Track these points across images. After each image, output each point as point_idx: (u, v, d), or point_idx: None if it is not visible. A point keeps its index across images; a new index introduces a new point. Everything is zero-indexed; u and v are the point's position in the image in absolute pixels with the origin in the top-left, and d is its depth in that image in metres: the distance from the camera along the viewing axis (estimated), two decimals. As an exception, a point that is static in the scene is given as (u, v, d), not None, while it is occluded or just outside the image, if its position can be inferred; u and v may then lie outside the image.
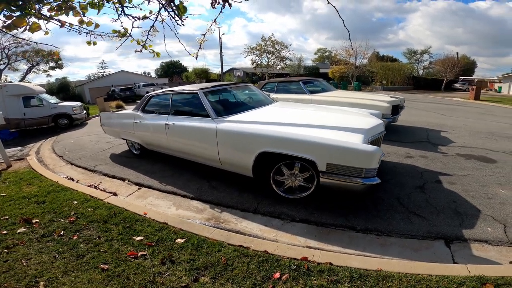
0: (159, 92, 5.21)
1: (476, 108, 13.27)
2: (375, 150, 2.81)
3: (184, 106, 4.62)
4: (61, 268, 2.39)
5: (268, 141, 3.37)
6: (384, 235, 2.88)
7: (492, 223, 2.93)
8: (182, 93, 4.71)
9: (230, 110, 4.31)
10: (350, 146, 2.90)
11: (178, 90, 4.84)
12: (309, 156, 3.10)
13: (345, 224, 3.07)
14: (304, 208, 3.40)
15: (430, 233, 2.83)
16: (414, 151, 5.52)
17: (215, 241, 2.70)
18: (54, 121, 11.37)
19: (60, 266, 2.42)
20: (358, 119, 3.84)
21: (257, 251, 2.52)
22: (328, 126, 3.47)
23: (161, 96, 5.06)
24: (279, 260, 2.37)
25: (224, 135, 3.77)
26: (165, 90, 5.18)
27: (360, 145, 2.91)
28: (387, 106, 6.25)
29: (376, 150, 2.82)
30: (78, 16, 2.04)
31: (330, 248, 2.70)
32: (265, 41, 34.49)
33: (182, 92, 4.71)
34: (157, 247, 2.63)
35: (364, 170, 2.85)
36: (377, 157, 2.84)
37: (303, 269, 2.25)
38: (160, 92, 5.22)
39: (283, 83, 8.69)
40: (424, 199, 3.50)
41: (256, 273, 2.22)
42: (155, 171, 4.98)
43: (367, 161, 2.83)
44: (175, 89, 4.96)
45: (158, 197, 4.03)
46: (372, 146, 2.87)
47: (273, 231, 3.02)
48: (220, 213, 3.46)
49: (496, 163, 4.75)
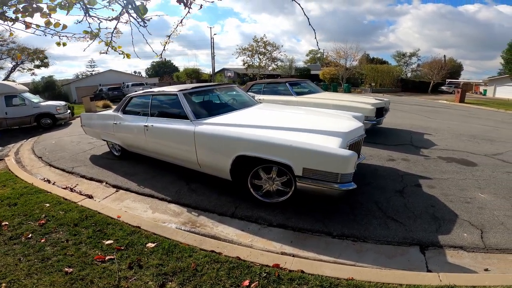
0: (139, 93, 5.10)
1: (460, 110, 13.50)
2: (351, 155, 2.76)
3: (164, 108, 4.54)
4: (24, 271, 2.35)
5: (244, 144, 3.31)
6: (360, 241, 2.83)
7: (469, 229, 2.91)
8: (162, 94, 4.62)
9: (210, 112, 4.24)
10: (325, 150, 2.84)
11: (158, 91, 4.74)
12: (285, 160, 3.04)
13: (322, 229, 3.01)
14: (282, 212, 3.34)
15: (406, 239, 2.79)
16: (397, 154, 5.52)
17: (187, 246, 2.64)
18: (37, 120, 11.10)
19: (24, 269, 2.37)
20: (337, 122, 3.78)
21: (229, 257, 2.47)
22: (307, 129, 3.41)
23: (141, 97, 4.96)
24: (251, 267, 2.32)
25: (202, 137, 3.69)
26: (145, 91, 5.08)
27: (335, 149, 2.85)
28: (371, 108, 6.25)
29: (352, 155, 2.76)
30: (45, 17, 2.00)
31: (305, 255, 2.64)
32: (256, 41, 34.48)
33: (162, 93, 4.62)
34: (127, 251, 2.57)
35: (339, 175, 2.80)
36: (353, 162, 2.79)
37: (273, 277, 2.20)
38: (140, 93, 5.11)
39: (270, 84, 8.63)
40: (402, 204, 3.48)
41: (225, 280, 2.18)
42: (136, 173, 4.87)
43: (342, 166, 2.77)
44: (155, 90, 4.86)
45: (135, 200, 3.94)
46: (348, 151, 2.81)
47: (249, 236, 2.97)
48: (197, 216, 3.39)
49: (477, 166, 4.78)
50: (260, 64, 35.13)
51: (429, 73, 32.54)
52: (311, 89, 8.53)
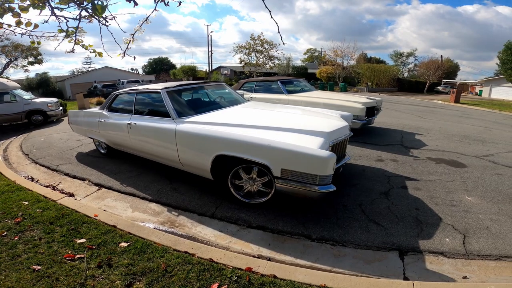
0: (124, 91, 5.01)
1: (455, 111, 13.44)
2: (329, 156, 2.65)
3: (147, 106, 4.46)
4: (-8, 268, 2.31)
5: (224, 144, 3.24)
6: (339, 245, 2.74)
7: (452, 233, 2.82)
8: (146, 92, 4.54)
9: (194, 110, 4.15)
10: (303, 151, 2.73)
11: (142, 89, 4.65)
12: (263, 161, 2.96)
13: (302, 232, 2.93)
14: (262, 213, 3.27)
15: (386, 243, 2.69)
16: (386, 154, 5.42)
17: (161, 246, 2.59)
18: (28, 117, 10.98)
19: (-7, 266, 2.33)
20: (321, 121, 3.68)
21: (202, 258, 2.42)
22: (290, 129, 3.32)
23: (126, 95, 4.88)
24: (222, 270, 2.26)
25: (183, 136, 3.63)
26: (129, 89, 4.99)
27: (314, 150, 2.74)
28: (362, 108, 6.15)
29: (330, 156, 2.65)
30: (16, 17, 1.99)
31: (282, 258, 2.56)
32: (254, 40, 34.31)
33: (146, 91, 4.53)
34: (98, 250, 2.54)
35: (318, 177, 2.70)
36: (331, 164, 2.68)
37: (244, 280, 2.14)
38: (125, 90, 5.03)
39: (262, 82, 8.52)
40: (386, 206, 3.37)
41: (194, 282, 2.13)
42: (120, 172, 4.79)
43: (320, 167, 2.67)
44: (139, 88, 4.77)
45: (116, 198, 3.88)
46: (326, 152, 2.70)
47: (227, 237, 2.91)
48: (176, 216, 3.33)
49: (466, 168, 4.69)
50: (257, 62, 34.97)
51: (426, 73, 32.52)
52: (303, 88, 8.43)
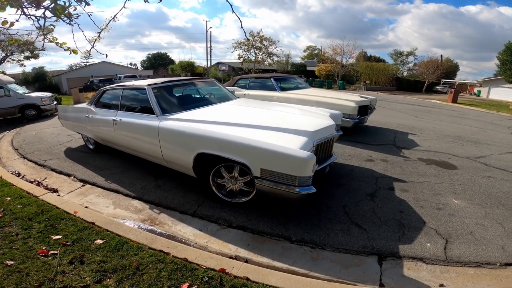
0: (111, 87, 4.98)
1: (451, 111, 13.36)
2: (308, 156, 2.55)
3: (133, 102, 4.42)
4: (-34, 263, 2.30)
5: (205, 142, 3.18)
6: (319, 247, 2.67)
7: (434, 238, 2.73)
8: (132, 88, 4.49)
9: (179, 107, 4.11)
10: (281, 151, 2.64)
11: (129, 85, 4.62)
12: (243, 160, 2.89)
13: (282, 233, 2.85)
14: (244, 213, 3.20)
15: (366, 247, 2.61)
16: (377, 154, 5.33)
17: (136, 244, 2.57)
18: (22, 111, 11.03)
19: (-33, 261, 2.32)
20: (306, 120, 3.59)
21: (176, 257, 2.38)
22: (274, 128, 3.24)
23: (113, 91, 4.84)
24: (195, 270, 2.23)
25: (166, 133, 3.58)
26: (117, 85, 4.96)
27: (293, 150, 2.64)
28: (354, 106, 6.04)
29: (309, 156, 2.56)
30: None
31: (259, 260, 2.50)
32: (253, 36, 34.08)
33: (133, 87, 4.48)
34: (72, 246, 2.53)
35: (297, 178, 2.61)
36: (311, 165, 2.59)
37: (215, 281, 2.10)
38: (112, 86, 4.99)
39: (255, 79, 8.44)
40: (371, 208, 3.29)
41: (165, 281, 2.11)
42: (106, 168, 4.74)
43: (300, 168, 2.58)
44: (126, 84, 4.73)
45: (100, 195, 3.84)
46: (305, 153, 2.61)
47: (207, 236, 2.86)
48: (158, 214, 3.29)
49: (456, 170, 4.60)
50: (256, 58, 34.77)
51: (425, 72, 32.35)
52: (298, 85, 8.32)
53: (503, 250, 2.53)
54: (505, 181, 4.17)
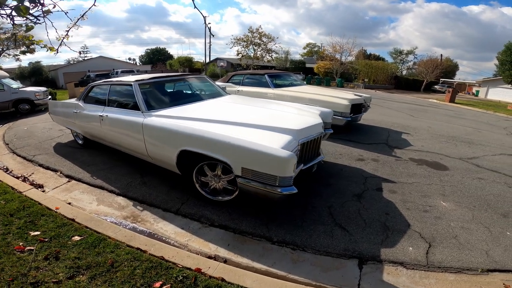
0: (99, 82, 4.94)
1: (448, 110, 13.28)
2: (288, 156, 2.47)
3: (120, 98, 4.38)
4: None
5: (187, 139, 3.12)
6: (300, 249, 2.60)
7: (417, 242, 2.66)
8: (120, 84, 4.43)
9: (165, 104, 4.06)
10: (262, 150, 2.56)
11: (116, 81, 4.57)
12: (224, 158, 2.83)
13: (264, 233, 2.79)
14: (227, 212, 3.14)
15: (347, 250, 2.54)
16: (368, 153, 5.25)
17: (114, 241, 2.54)
18: (15, 106, 11.02)
19: None
20: (292, 118, 3.50)
21: (153, 256, 2.35)
22: (258, 125, 3.16)
23: (101, 86, 4.80)
24: (170, 269, 2.19)
25: (149, 130, 3.54)
26: (105, 80, 4.92)
27: (273, 149, 2.56)
28: (346, 104, 5.95)
29: (289, 156, 2.47)
30: None
31: (239, 260, 2.45)
32: (252, 32, 33.89)
33: (120, 83, 4.43)
34: (50, 243, 2.51)
35: (278, 178, 2.53)
36: (291, 165, 2.50)
37: (189, 281, 2.07)
38: (100, 82, 4.95)
39: (249, 75, 8.35)
40: (356, 210, 3.21)
41: (138, 279, 2.08)
42: (94, 163, 4.67)
43: (280, 168, 2.50)
44: (114, 80, 4.69)
45: (84, 191, 3.79)
46: (286, 152, 2.52)
47: (188, 235, 2.81)
48: (140, 211, 3.25)
49: (447, 171, 4.53)
50: (255, 55, 34.57)
51: (424, 71, 32.23)
52: (293, 82, 8.25)
53: (487, 255, 2.47)
54: (496, 183, 4.10)
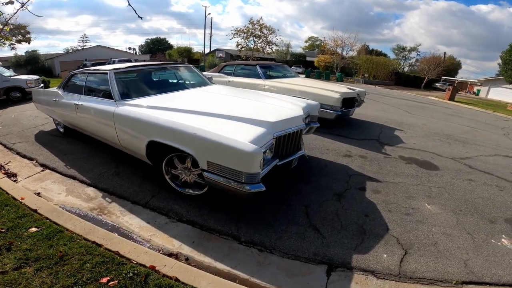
0: (78, 71, 4.85)
1: (446, 108, 13.01)
2: (254, 151, 2.24)
3: (96, 86, 4.30)
4: None
5: (154, 129, 2.97)
6: (267, 251, 2.41)
7: (393, 248, 2.45)
8: (97, 73, 4.34)
9: (140, 93, 3.89)
10: (225, 142, 2.36)
11: (93, 70, 4.48)
12: (189, 150, 2.65)
13: (232, 232, 2.62)
14: (197, 207, 2.97)
15: (317, 255, 2.34)
16: (357, 149, 5.03)
17: (71, 233, 2.44)
18: (6, 94, 11.02)
19: None
20: (270, 109, 3.28)
21: (109, 250, 2.25)
22: (232, 116, 2.95)
23: (80, 75, 4.71)
24: (123, 264, 2.09)
25: (120, 119, 3.40)
26: (84, 69, 4.82)
27: (238, 142, 2.34)
28: (337, 97, 5.69)
29: (255, 151, 2.25)
30: None
31: (201, 259, 2.30)
32: (252, 24, 33.37)
33: (97, 72, 4.34)
34: (6, 234, 2.42)
35: (244, 174, 2.31)
36: (257, 160, 2.28)
37: (139, 278, 1.96)
38: (79, 70, 4.86)
39: (241, 66, 8.15)
40: (334, 210, 3.00)
41: (86, 273, 2.00)
42: (71, 152, 4.54)
43: (245, 163, 2.29)
44: (91, 69, 4.60)
45: (56, 180, 3.66)
46: (252, 146, 2.30)
47: (153, 229, 2.68)
48: (109, 203, 3.13)
49: (437, 171, 4.32)
50: (255, 47, 34.08)
51: (425, 68, 31.78)
52: (286, 74, 8.00)
53: (465, 265, 2.26)
54: (487, 185, 3.89)
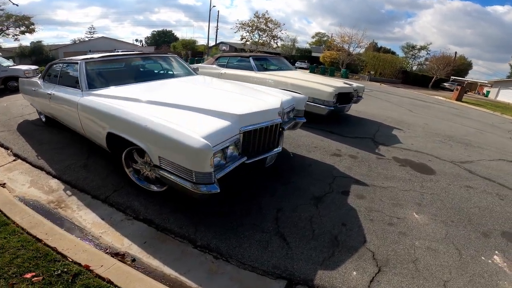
0: (56, 61, 4.82)
1: (452, 108, 12.49)
2: (202, 147, 1.95)
3: (69, 77, 4.24)
4: None
5: (111, 121, 2.83)
6: (223, 259, 2.15)
7: (366, 264, 2.12)
8: (70, 63, 4.27)
9: (110, 83, 3.71)
10: (174, 136, 2.11)
11: (68, 59, 4.39)
12: (141, 144, 2.43)
13: (189, 235, 2.37)
14: (158, 204, 2.75)
15: (277, 268, 2.03)
16: (348, 148, 4.66)
17: (15, 227, 2.33)
18: (4, 83, 11.27)
19: None
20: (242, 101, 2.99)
21: (47, 246, 2.14)
22: (198, 108, 2.68)
23: (57, 65, 4.67)
24: (56, 261, 1.97)
25: (82, 109, 3.29)
26: (61, 59, 4.83)
27: (186, 137, 2.07)
28: (330, 92, 5.32)
29: (204, 147, 1.95)
30: None
31: (149, 261, 2.12)
32: (258, 17, 32.84)
33: (70, 62, 4.28)
34: None
35: (194, 173, 2.00)
36: (207, 158, 2.00)
37: (67, 276, 1.84)
38: (57, 60, 4.83)
39: (235, 58, 7.86)
40: (309, 216, 2.67)
41: (13, 267, 1.90)
42: (48, 142, 4.40)
43: (193, 161, 2.03)
44: (66, 59, 4.53)
45: (24, 171, 3.53)
46: (201, 142, 2.00)
47: (106, 226, 2.51)
48: (68, 196, 2.97)
49: (433, 175, 3.94)
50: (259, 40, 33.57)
51: (434, 67, 30.93)
52: (282, 66, 7.66)
53: None
54: (486, 193, 3.51)
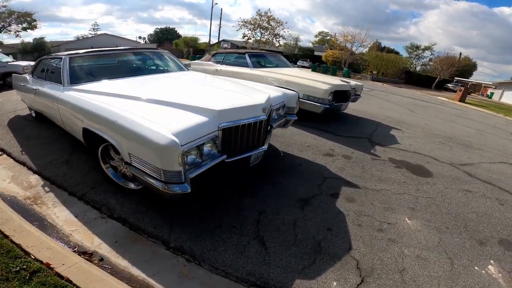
0: (45, 57, 4.78)
1: (454, 109, 12.24)
2: (169, 144, 1.81)
3: (54, 72, 4.16)
4: None
5: (85, 115, 2.74)
6: (195, 262, 2.02)
7: (348, 274, 1.95)
8: (55, 58, 4.21)
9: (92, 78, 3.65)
10: (141, 132, 1.99)
11: (55, 55, 4.38)
12: (111, 140, 2.32)
13: (162, 235, 2.26)
14: (135, 203, 2.65)
15: (252, 275, 1.89)
16: (342, 148, 4.49)
17: None
18: (3, 79, 11.30)
19: None
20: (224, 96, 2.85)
21: (12, 243, 2.07)
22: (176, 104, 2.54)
23: (45, 61, 4.63)
24: (17, 258, 1.91)
25: (61, 104, 3.24)
26: (50, 55, 4.78)
27: (153, 133, 1.94)
28: (325, 89, 5.14)
29: (171, 144, 1.82)
30: None
31: (117, 261, 2.03)
32: (260, 15, 32.65)
33: (56, 57, 4.23)
34: None
35: (162, 171, 1.85)
36: (175, 156, 1.87)
37: (24, 273, 1.79)
38: (46, 56, 4.79)
39: (231, 54, 7.72)
40: (292, 220, 2.50)
41: None
42: (35, 138, 4.35)
43: (160, 158, 1.90)
44: (53, 54, 4.57)
45: (7, 166, 3.47)
46: (167, 139, 1.87)
47: (78, 224, 2.43)
48: (46, 192, 2.90)
49: (430, 178, 3.76)
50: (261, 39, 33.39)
51: (438, 68, 30.54)
52: (278, 63, 7.53)
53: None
54: (485, 198, 3.32)
